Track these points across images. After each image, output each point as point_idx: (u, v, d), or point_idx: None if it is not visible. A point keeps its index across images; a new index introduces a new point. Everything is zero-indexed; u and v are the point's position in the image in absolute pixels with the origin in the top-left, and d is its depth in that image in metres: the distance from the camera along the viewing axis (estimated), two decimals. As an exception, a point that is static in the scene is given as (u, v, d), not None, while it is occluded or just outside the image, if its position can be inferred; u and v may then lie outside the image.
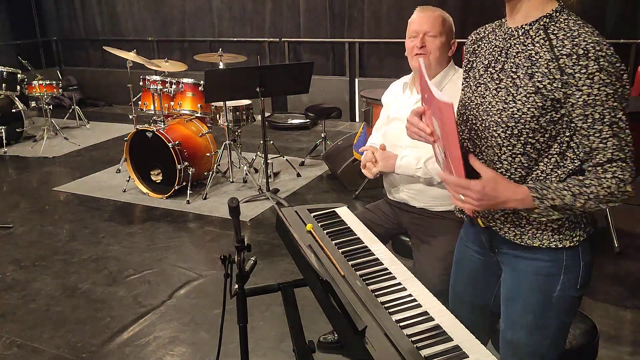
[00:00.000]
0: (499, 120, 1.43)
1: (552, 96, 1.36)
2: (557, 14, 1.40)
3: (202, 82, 4.73)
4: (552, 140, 1.40)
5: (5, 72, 6.30)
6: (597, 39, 1.32)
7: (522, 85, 1.40)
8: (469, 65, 1.61)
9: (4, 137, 6.33)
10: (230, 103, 4.88)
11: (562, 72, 1.34)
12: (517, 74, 1.42)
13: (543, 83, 1.37)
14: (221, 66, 5.26)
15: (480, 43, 1.59)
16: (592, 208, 1.38)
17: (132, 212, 4.56)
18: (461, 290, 1.79)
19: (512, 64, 1.44)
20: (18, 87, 6.43)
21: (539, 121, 1.39)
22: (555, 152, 1.41)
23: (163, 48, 8.50)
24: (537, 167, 1.44)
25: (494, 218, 1.53)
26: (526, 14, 1.44)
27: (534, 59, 1.39)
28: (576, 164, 1.41)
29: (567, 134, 1.39)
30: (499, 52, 1.49)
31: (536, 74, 1.38)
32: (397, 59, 6.78)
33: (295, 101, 7.46)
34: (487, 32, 1.59)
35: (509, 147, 1.43)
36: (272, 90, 4.41)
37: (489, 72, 1.51)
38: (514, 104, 1.41)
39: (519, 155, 1.43)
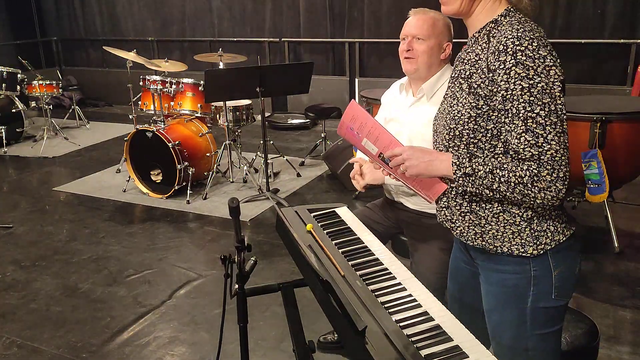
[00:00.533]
0: (445, 123, 1.50)
1: (483, 94, 1.39)
2: (502, 18, 1.44)
3: (202, 82, 4.73)
4: (495, 139, 1.42)
5: (5, 72, 6.30)
6: (520, 34, 1.33)
7: (464, 89, 1.46)
8: (451, 82, 1.64)
9: (4, 137, 6.33)
10: (230, 103, 4.88)
11: (489, 69, 1.38)
12: (464, 79, 1.47)
13: (477, 83, 1.41)
14: (221, 66, 5.26)
15: (460, 59, 1.63)
16: (505, 194, 1.37)
17: (132, 212, 4.56)
18: (453, 292, 1.80)
19: (461, 71, 1.50)
20: (18, 87, 6.43)
21: (476, 121, 1.42)
22: (500, 151, 1.42)
23: (163, 48, 8.50)
24: None
25: (456, 219, 1.55)
26: (478, 24, 1.49)
27: (474, 61, 1.45)
28: None
29: None
30: (461, 63, 1.54)
31: (474, 75, 1.43)
32: (397, 59, 6.74)
33: (295, 101, 7.46)
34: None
35: (454, 149, 1.48)
36: (272, 90, 4.41)
37: (452, 83, 1.57)
38: (456, 107, 1.47)
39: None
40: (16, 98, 6.45)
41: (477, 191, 1.43)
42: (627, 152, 3.40)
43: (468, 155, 1.45)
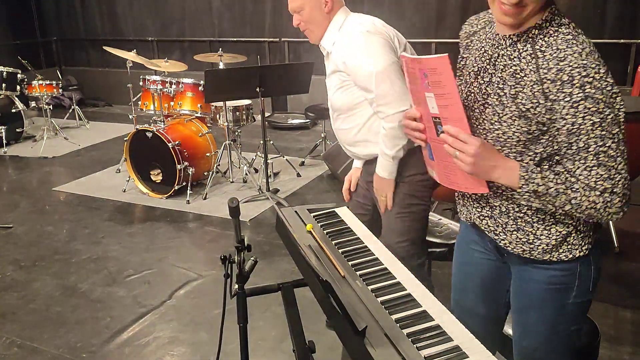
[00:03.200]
0: (483, 136, 1.40)
1: (537, 120, 1.31)
2: (547, 23, 1.31)
3: (202, 82, 4.73)
4: (543, 162, 1.37)
5: (5, 72, 6.30)
6: (585, 61, 1.23)
7: (507, 106, 1.35)
8: (462, 62, 1.54)
9: (3, 137, 6.33)
10: (230, 103, 4.88)
11: (546, 97, 1.27)
12: (504, 91, 1.36)
13: (527, 106, 1.31)
14: (221, 66, 5.26)
15: (473, 39, 1.50)
16: (567, 212, 1.33)
17: (132, 212, 4.56)
18: (471, 304, 1.71)
19: (499, 79, 1.38)
20: (18, 87, 6.43)
21: (526, 144, 1.35)
22: (545, 168, 1.37)
23: (163, 48, 8.50)
24: None
25: (500, 232, 1.49)
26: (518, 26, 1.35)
27: (519, 77, 1.32)
28: None
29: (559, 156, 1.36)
30: (487, 60, 1.42)
31: (520, 94, 1.32)
32: (397, 59, 6.77)
33: (295, 101, 7.46)
34: (480, 27, 1.51)
35: None
36: (272, 90, 4.41)
37: (478, 81, 1.45)
38: (499, 126, 1.36)
39: None
40: (16, 98, 6.45)
41: (540, 206, 1.36)
42: (628, 152, 3.39)
43: (537, 168, 1.34)
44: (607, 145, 1.26)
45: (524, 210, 1.44)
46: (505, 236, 1.50)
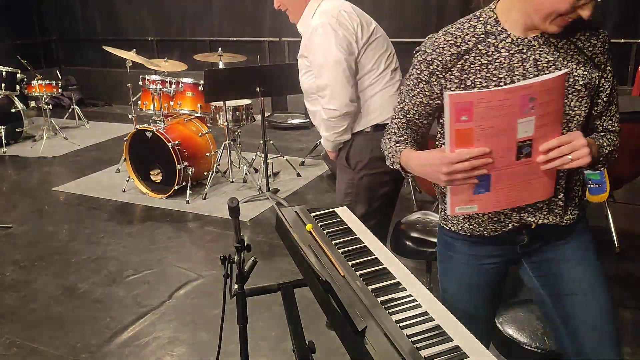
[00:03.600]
0: (567, 129, 1.44)
1: (593, 91, 1.47)
2: None
3: (201, 81, 4.73)
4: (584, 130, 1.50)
5: (4, 72, 6.29)
6: (602, 28, 1.48)
7: (569, 92, 1.43)
8: (462, 85, 1.45)
9: (3, 137, 6.32)
10: (230, 103, 4.88)
11: (599, 68, 1.46)
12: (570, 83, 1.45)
13: (586, 85, 1.44)
14: (221, 66, 5.26)
15: (467, 57, 1.43)
16: (615, 159, 1.55)
17: (132, 212, 4.56)
18: (472, 311, 1.69)
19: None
20: (17, 87, 6.43)
21: (588, 117, 1.50)
22: (600, 132, 1.55)
23: (163, 48, 8.50)
24: None
25: (565, 215, 1.56)
26: None
27: (567, 65, 1.43)
28: None
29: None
30: (520, 67, 1.41)
31: (575, 78, 1.43)
32: (398, 58, 6.76)
33: (295, 101, 7.45)
34: (472, 43, 1.44)
35: None
36: (272, 90, 4.41)
37: None
38: (574, 113, 1.45)
39: None
40: (15, 98, 6.44)
41: (603, 165, 1.53)
42: (628, 152, 3.40)
43: (597, 134, 1.53)
44: (616, 93, 1.51)
45: (569, 183, 1.54)
46: (567, 216, 1.56)
